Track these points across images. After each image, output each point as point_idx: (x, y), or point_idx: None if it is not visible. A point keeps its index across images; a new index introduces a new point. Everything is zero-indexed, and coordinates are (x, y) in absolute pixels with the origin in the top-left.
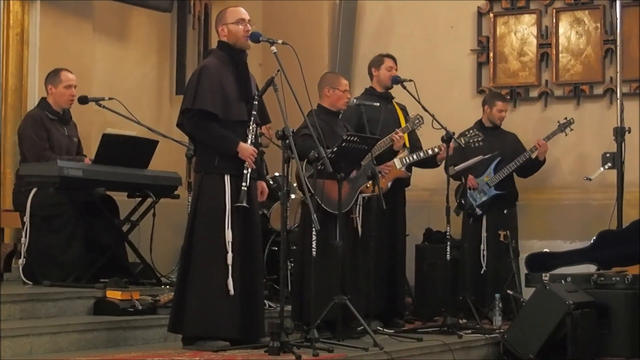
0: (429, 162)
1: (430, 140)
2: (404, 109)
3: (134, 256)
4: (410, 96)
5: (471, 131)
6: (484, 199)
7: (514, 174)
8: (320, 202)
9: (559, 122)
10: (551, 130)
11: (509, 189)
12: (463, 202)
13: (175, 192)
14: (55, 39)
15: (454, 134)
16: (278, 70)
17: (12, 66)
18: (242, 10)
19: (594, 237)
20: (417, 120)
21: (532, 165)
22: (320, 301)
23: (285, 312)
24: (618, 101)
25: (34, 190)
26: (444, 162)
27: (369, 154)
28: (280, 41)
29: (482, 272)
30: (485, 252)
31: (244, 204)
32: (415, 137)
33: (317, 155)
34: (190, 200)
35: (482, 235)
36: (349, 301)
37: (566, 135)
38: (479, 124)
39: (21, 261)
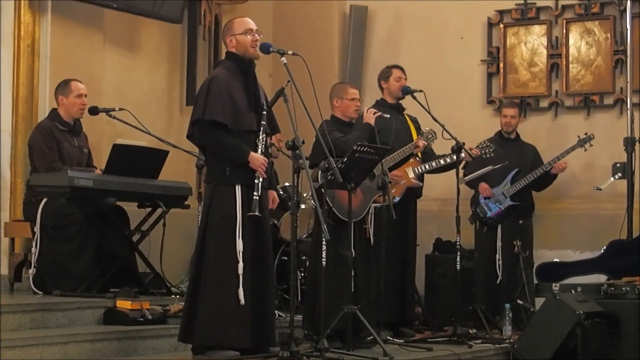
0: (447, 169)
1: (440, 150)
2: (415, 121)
3: (144, 266)
4: (420, 106)
5: (483, 142)
6: (499, 208)
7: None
8: (333, 209)
9: (579, 136)
10: (563, 141)
11: (526, 200)
12: (478, 210)
13: (186, 203)
14: (66, 49)
15: (464, 143)
16: (288, 81)
17: (23, 77)
18: (249, 20)
19: (604, 247)
20: (431, 135)
21: (545, 180)
22: (331, 311)
23: (295, 321)
24: (628, 111)
25: (45, 200)
26: (453, 172)
27: (381, 164)
28: (290, 52)
29: (497, 282)
30: (500, 262)
31: (257, 213)
32: (430, 151)
33: (327, 165)
34: (200, 210)
35: (497, 245)
36: (360, 311)
37: (585, 150)
38: (498, 135)
39: (31, 271)
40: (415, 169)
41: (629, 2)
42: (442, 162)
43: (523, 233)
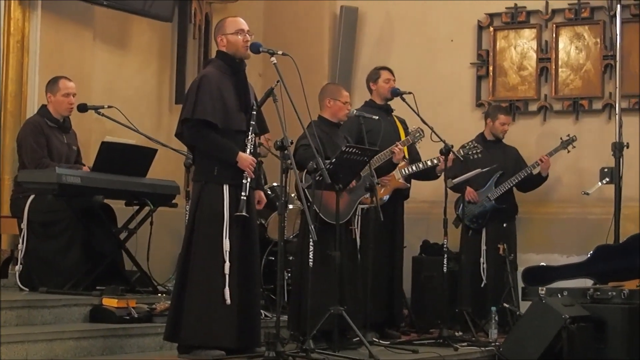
0: (429, 174)
1: (429, 153)
2: (403, 122)
3: (131, 264)
4: (410, 108)
5: (470, 143)
6: (483, 212)
7: (514, 188)
8: (318, 212)
9: (561, 138)
10: (551, 145)
11: (509, 203)
12: (460, 214)
13: (173, 201)
14: (56, 46)
15: (452, 146)
16: (278, 81)
17: (12, 73)
18: (241, 20)
19: (591, 252)
20: (418, 134)
21: (534, 181)
22: (317, 311)
23: (281, 322)
24: (617, 116)
25: (32, 196)
26: (443, 174)
27: (368, 165)
28: (280, 52)
29: (482, 285)
30: (485, 266)
31: (244, 213)
32: (415, 150)
33: (315, 166)
34: (187, 209)
35: (482, 249)
36: (346, 312)
37: (568, 152)
38: (481, 137)
39: (18, 267)
40: (403, 170)
41: (619, 7)
42: (429, 163)
43: (507, 236)
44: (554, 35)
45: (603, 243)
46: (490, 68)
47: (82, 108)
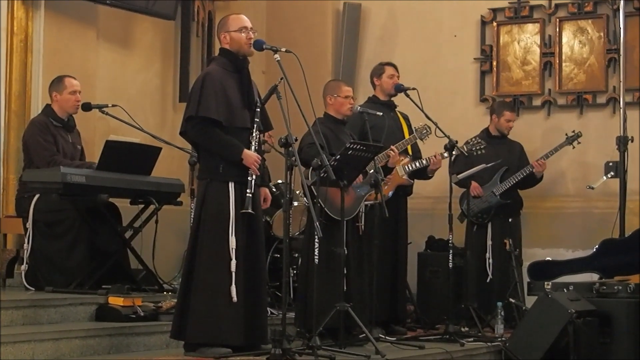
0: (422, 174)
1: (433, 149)
2: (406, 118)
3: (137, 263)
4: (413, 104)
5: (474, 139)
6: (488, 207)
7: None
8: (324, 208)
9: (566, 134)
10: (556, 139)
11: (514, 198)
12: (465, 210)
13: (178, 199)
14: (59, 45)
15: (456, 142)
16: (281, 78)
17: (16, 72)
18: (244, 17)
19: (597, 246)
20: (425, 131)
21: (530, 181)
22: (323, 308)
23: (288, 319)
24: (621, 110)
25: (37, 196)
26: (448, 170)
27: (374, 161)
28: (283, 49)
29: (487, 280)
30: (490, 261)
31: (250, 211)
32: (417, 148)
33: (319, 162)
34: (192, 207)
35: (487, 244)
36: (353, 308)
37: (573, 148)
38: (486, 132)
39: (24, 267)
40: (406, 167)
41: (622, 1)
42: (434, 159)
43: (512, 231)
44: (558, 29)
45: (608, 237)
46: (494, 63)
47: (86, 107)
